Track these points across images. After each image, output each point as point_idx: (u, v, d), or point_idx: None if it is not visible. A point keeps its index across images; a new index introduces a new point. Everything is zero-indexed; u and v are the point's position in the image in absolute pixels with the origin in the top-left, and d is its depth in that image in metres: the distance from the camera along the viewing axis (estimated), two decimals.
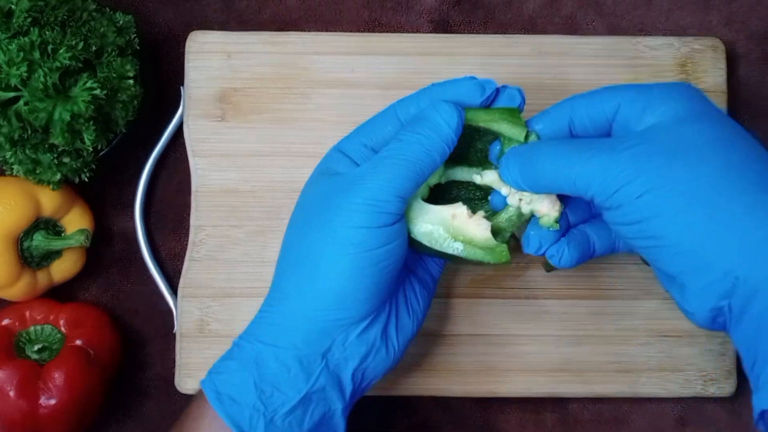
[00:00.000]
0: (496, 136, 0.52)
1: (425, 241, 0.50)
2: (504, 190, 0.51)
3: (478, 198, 0.54)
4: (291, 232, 0.50)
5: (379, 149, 0.50)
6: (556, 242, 0.51)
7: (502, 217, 0.52)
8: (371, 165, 0.48)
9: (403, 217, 0.49)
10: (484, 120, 0.51)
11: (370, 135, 0.51)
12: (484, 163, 0.53)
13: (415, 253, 0.53)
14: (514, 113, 0.51)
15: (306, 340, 0.48)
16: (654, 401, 0.63)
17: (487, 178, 0.52)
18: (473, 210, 0.52)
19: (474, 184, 0.54)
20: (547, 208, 0.51)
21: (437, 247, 0.50)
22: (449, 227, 0.50)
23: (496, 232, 0.51)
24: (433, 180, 0.52)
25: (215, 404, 0.47)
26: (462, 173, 0.54)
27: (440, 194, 0.54)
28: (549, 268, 0.54)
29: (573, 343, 0.61)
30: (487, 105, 0.51)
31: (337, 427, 0.49)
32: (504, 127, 0.51)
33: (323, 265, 0.47)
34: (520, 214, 0.52)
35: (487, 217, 0.51)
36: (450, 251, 0.50)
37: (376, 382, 0.51)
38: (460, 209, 0.51)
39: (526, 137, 0.51)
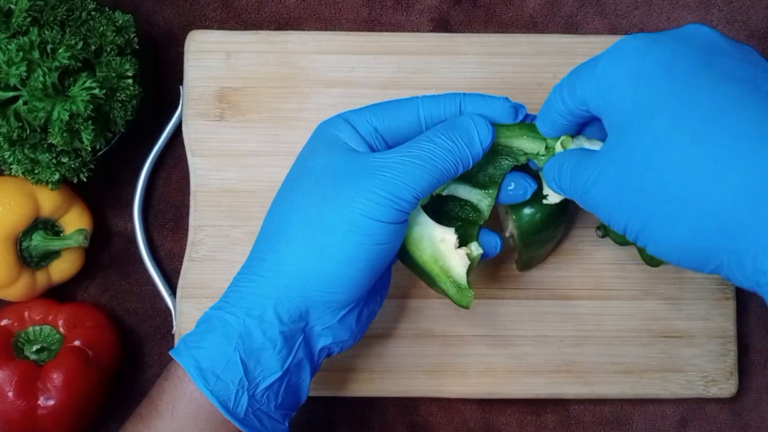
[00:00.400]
0: (510, 162, 0.52)
1: (409, 246, 0.50)
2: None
3: (471, 220, 0.54)
4: (296, 199, 0.48)
5: (389, 138, 0.50)
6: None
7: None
8: (399, 158, 0.47)
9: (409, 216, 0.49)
10: (506, 136, 0.51)
11: (383, 120, 0.50)
12: (488, 186, 0.53)
13: None
14: (533, 128, 0.51)
15: (294, 316, 0.47)
16: (655, 402, 0.63)
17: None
18: (463, 241, 0.51)
19: (471, 204, 0.54)
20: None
21: (417, 256, 0.50)
22: (434, 247, 0.50)
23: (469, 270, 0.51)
24: (438, 189, 0.52)
25: (199, 382, 0.45)
26: (465, 191, 0.54)
27: (437, 205, 0.54)
28: (523, 266, 0.53)
29: (574, 344, 0.61)
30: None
31: (302, 396, 0.50)
32: (524, 143, 0.51)
33: (333, 247, 0.46)
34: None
35: (470, 256, 0.50)
36: (425, 267, 0.50)
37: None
38: (450, 236, 0.50)
39: (547, 150, 0.51)
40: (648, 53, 0.43)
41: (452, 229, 0.50)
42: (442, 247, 0.50)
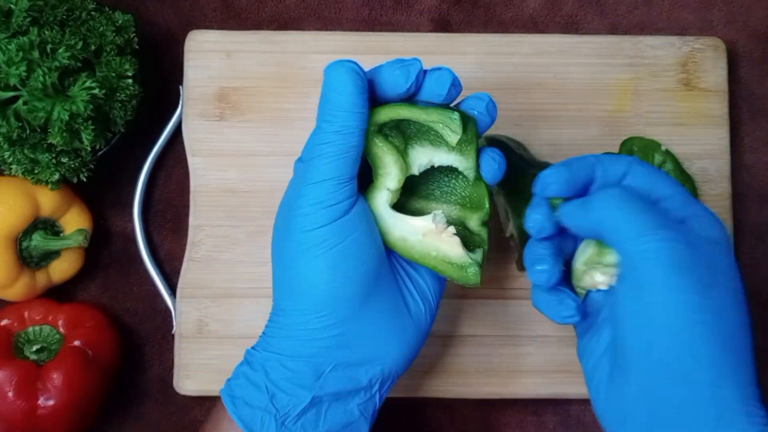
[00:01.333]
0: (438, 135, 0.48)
1: (397, 250, 0.49)
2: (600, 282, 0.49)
3: (450, 189, 0.50)
4: (273, 248, 0.50)
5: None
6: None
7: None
8: (305, 165, 0.47)
9: (356, 202, 0.47)
10: (424, 119, 0.47)
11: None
12: (463, 152, 0.48)
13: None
14: (453, 117, 0.47)
15: (309, 347, 0.47)
16: None
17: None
18: (471, 203, 0.49)
19: (445, 169, 0.50)
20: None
21: (409, 256, 0.49)
22: (420, 242, 0.48)
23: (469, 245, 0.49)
24: (393, 185, 0.48)
25: (229, 407, 0.47)
26: (442, 158, 0.49)
27: (415, 188, 0.51)
28: (523, 266, 0.52)
29: (574, 344, 0.61)
30: (414, 97, 0.48)
31: (360, 429, 0.49)
32: (440, 129, 0.47)
33: (299, 274, 0.47)
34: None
35: (459, 233, 0.48)
36: (422, 263, 0.49)
37: (398, 376, 0.51)
38: (428, 223, 0.48)
39: (460, 146, 0.48)
40: (687, 267, 0.44)
41: (427, 217, 0.48)
42: (427, 240, 0.48)
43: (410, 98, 0.48)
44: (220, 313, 0.61)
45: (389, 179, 0.48)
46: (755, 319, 0.64)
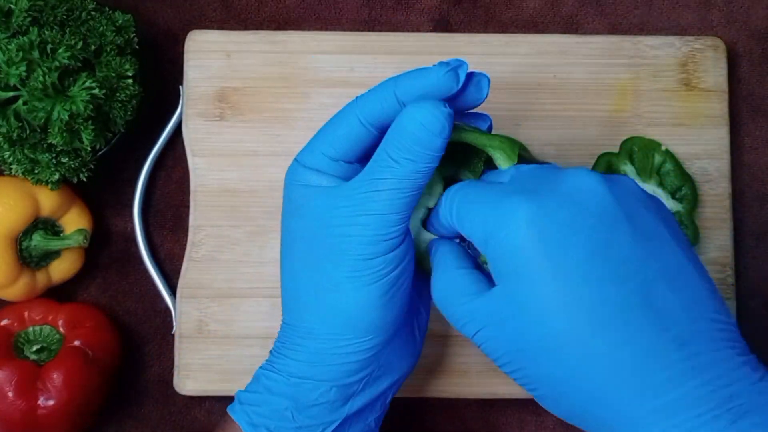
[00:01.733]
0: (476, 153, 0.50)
1: (424, 264, 0.50)
2: None
3: None
4: (295, 264, 0.47)
5: (349, 156, 0.47)
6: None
7: None
8: (367, 191, 0.45)
9: (408, 232, 0.47)
10: (482, 143, 0.48)
11: (333, 145, 0.47)
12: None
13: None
14: (514, 146, 0.48)
15: (347, 371, 0.47)
16: None
17: None
18: None
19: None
20: None
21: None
22: None
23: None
24: (432, 203, 0.50)
25: None
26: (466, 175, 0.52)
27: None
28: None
29: None
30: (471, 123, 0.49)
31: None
32: (498, 155, 0.48)
33: (347, 299, 0.45)
34: None
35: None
36: None
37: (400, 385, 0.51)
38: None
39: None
40: (542, 226, 0.41)
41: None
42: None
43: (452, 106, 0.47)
44: (220, 313, 0.61)
45: (431, 199, 0.50)
46: (755, 320, 0.64)
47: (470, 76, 0.47)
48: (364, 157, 0.47)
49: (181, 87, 0.63)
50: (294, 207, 0.48)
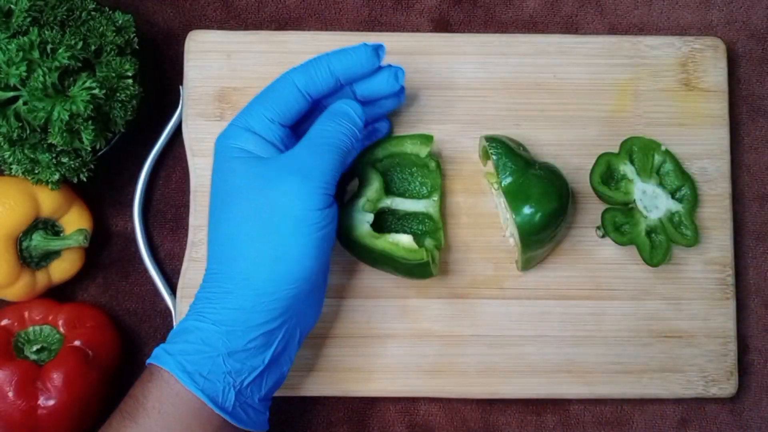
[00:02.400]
0: (420, 166, 0.60)
1: (364, 237, 0.56)
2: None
3: (429, 229, 0.60)
4: (235, 216, 0.52)
5: (285, 120, 0.54)
6: None
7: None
8: (309, 152, 0.52)
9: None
10: (396, 145, 0.59)
11: (275, 109, 0.54)
12: (431, 194, 0.60)
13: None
14: (413, 136, 0.59)
15: (274, 318, 0.51)
16: (655, 402, 0.63)
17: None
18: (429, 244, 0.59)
19: (423, 214, 0.60)
20: None
21: (375, 244, 0.56)
22: (382, 236, 0.57)
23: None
24: (371, 194, 0.58)
25: (188, 382, 0.49)
26: (411, 204, 0.59)
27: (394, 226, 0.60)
28: (523, 266, 0.55)
29: (574, 344, 0.61)
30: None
31: (282, 380, 0.54)
32: (410, 147, 0.59)
33: (290, 247, 0.51)
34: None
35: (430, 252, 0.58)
36: (373, 246, 0.56)
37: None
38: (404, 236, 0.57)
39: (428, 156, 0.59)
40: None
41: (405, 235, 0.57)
42: (385, 235, 0.57)
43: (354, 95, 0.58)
44: None
45: (370, 189, 0.58)
46: (755, 319, 0.64)
47: (388, 67, 0.57)
48: (293, 125, 0.55)
49: (181, 87, 0.63)
50: (230, 168, 0.53)
